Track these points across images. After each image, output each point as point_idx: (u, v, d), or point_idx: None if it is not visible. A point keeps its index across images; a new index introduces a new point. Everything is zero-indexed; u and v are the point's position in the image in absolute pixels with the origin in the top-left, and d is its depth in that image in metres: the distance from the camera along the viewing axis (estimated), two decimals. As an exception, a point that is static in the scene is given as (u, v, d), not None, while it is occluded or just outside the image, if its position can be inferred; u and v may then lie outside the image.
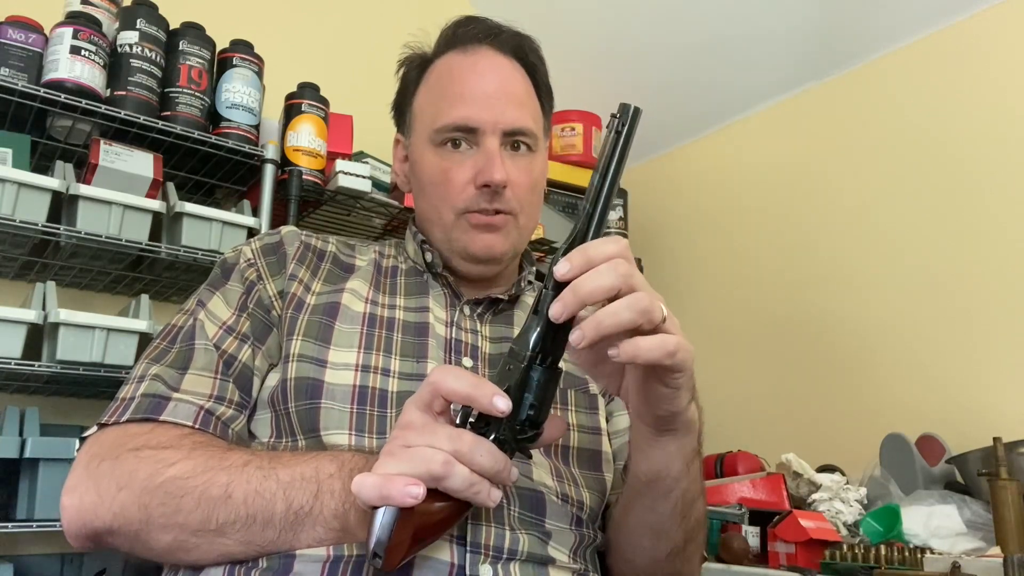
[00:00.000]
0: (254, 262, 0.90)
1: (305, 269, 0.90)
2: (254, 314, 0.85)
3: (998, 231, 1.76)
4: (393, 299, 0.90)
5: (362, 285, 0.90)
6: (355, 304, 0.87)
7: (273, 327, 0.85)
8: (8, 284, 1.79)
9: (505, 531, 0.73)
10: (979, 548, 1.35)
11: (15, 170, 1.50)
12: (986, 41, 1.85)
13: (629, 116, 0.64)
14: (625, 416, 0.93)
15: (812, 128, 2.21)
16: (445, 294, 0.92)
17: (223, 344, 0.83)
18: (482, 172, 0.87)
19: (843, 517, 1.56)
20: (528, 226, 0.95)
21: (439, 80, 0.93)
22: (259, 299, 0.86)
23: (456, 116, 0.88)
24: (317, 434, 0.76)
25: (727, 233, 2.40)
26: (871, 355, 1.96)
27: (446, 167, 0.89)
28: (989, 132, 1.81)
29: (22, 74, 1.55)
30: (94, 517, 0.69)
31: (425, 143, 0.92)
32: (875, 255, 1.99)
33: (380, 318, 0.86)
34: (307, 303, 0.86)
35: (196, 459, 0.69)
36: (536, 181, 0.93)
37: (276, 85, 1.92)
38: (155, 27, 1.70)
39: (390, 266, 0.96)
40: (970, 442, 1.56)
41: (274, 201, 1.78)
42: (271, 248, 0.92)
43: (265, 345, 0.84)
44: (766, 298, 2.25)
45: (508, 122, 0.89)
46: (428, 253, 0.93)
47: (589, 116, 2.45)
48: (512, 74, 0.93)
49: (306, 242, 0.94)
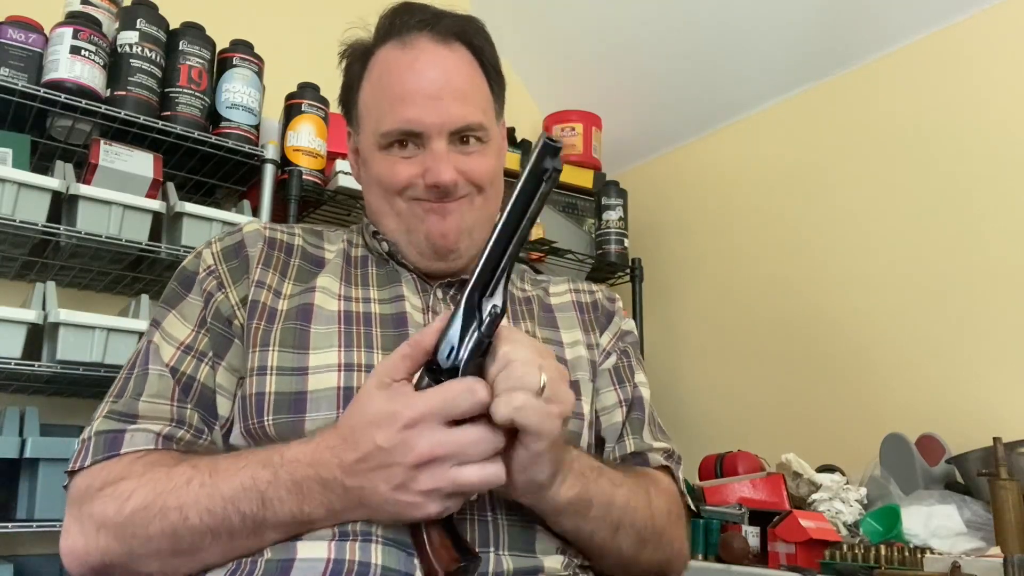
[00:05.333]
0: (214, 269, 0.86)
1: (273, 272, 0.86)
2: (213, 328, 0.82)
3: (998, 231, 1.76)
4: (367, 291, 0.88)
5: (333, 282, 0.87)
6: (328, 303, 0.84)
7: (234, 339, 0.82)
8: (8, 284, 1.79)
9: (489, 552, 0.72)
10: (979, 548, 1.35)
11: (15, 170, 1.50)
12: (986, 41, 1.85)
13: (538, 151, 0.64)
14: (613, 392, 0.93)
15: (812, 128, 2.21)
16: (415, 280, 0.89)
17: (181, 365, 0.81)
18: (430, 172, 0.85)
19: (843, 517, 1.56)
20: (490, 204, 0.91)
21: (380, 79, 0.89)
22: (218, 311, 0.83)
23: (399, 121, 0.85)
24: None
25: (727, 233, 2.40)
26: (871, 355, 1.96)
27: (395, 169, 0.87)
28: (989, 132, 1.81)
29: (22, 74, 1.55)
30: (87, 557, 0.73)
31: (372, 145, 0.89)
32: (875, 255, 1.99)
33: (356, 314, 0.84)
34: (279, 311, 0.83)
35: (147, 486, 0.71)
36: (491, 168, 0.90)
37: (276, 85, 1.92)
38: (155, 27, 1.70)
39: (359, 256, 0.93)
40: (970, 442, 1.56)
41: (274, 201, 1.78)
42: (233, 251, 0.88)
43: (225, 360, 0.82)
44: (766, 298, 2.25)
45: (454, 122, 0.85)
46: (383, 243, 0.91)
47: (589, 116, 2.45)
48: (456, 65, 0.88)
49: (271, 238, 0.90)
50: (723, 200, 2.43)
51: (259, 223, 0.93)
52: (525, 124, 2.50)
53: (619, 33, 2.42)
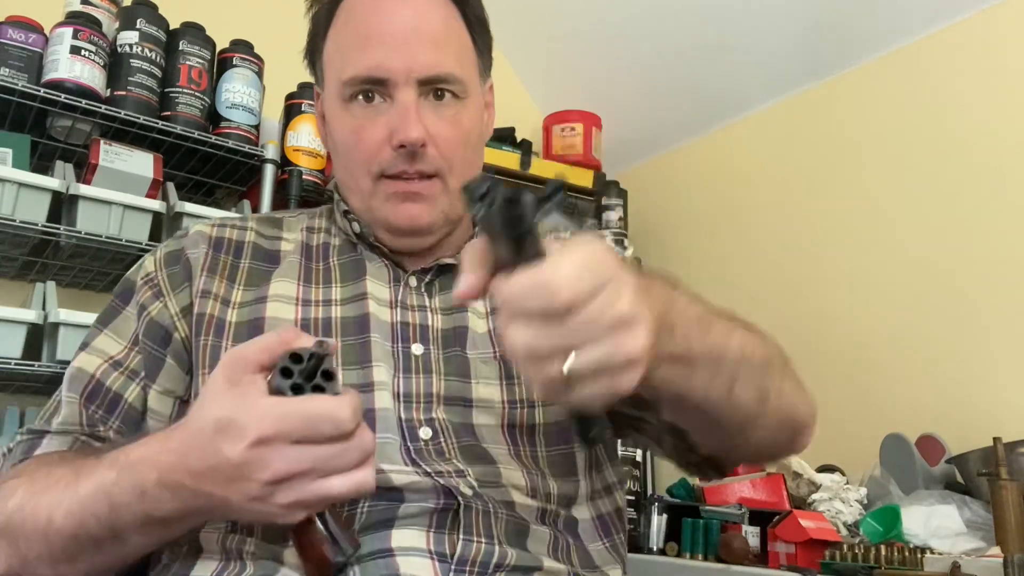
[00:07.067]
0: (153, 276, 0.80)
1: (219, 280, 0.78)
2: (145, 348, 0.76)
3: (998, 231, 1.76)
4: (328, 290, 0.79)
5: (289, 285, 0.79)
6: (283, 311, 0.76)
7: (166, 359, 0.76)
8: (8, 284, 1.79)
9: (494, 546, 0.66)
10: (979, 548, 1.34)
11: (15, 170, 1.51)
12: (986, 41, 1.85)
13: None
14: None
15: (812, 128, 2.20)
16: (387, 267, 0.81)
17: (107, 380, 0.75)
18: (396, 130, 0.75)
19: (843, 517, 1.56)
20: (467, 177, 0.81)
21: (346, 23, 0.79)
22: (153, 325, 0.77)
23: (362, 66, 0.76)
24: None
25: (727, 233, 2.40)
26: (871, 355, 1.96)
27: (357, 126, 0.77)
28: (988, 132, 1.81)
29: (22, 74, 1.55)
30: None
31: (335, 99, 0.79)
32: (875, 255, 1.99)
33: (315, 321, 0.76)
34: (228, 322, 0.76)
35: (26, 485, 0.66)
36: (467, 133, 0.80)
37: (276, 85, 1.92)
38: (155, 27, 1.70)
39: (320, 244, 0.84)
40: (970, 442, 1.56)
41: (274, 201, 1.78)
42: (174, 256, 0.81)
43: (157, 383, 0.76)
44: (766, 298, 2.25)
45: (422, 68, 0.76)
46: (355, 223, 0.82)
47: (589, 116, 2.45)
48: (428, 8, 0.78)
49: (217, 239, 0.82)
50: (723, 200, 2.43)
51: (207, 223, 0.85)
52: (525, 124, 2.50)
53: (619, 33, 2.42)
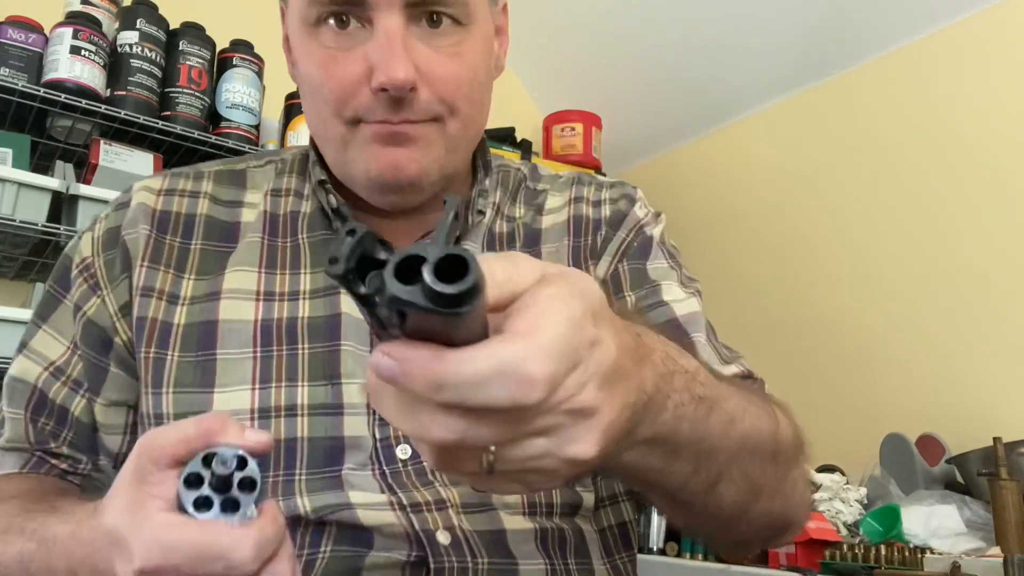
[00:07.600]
0: (90, 263, 0.67)
1: (164, 270, 0.66)
2: (85, 356, 0.66)
3: (998, 231, 1.76)
4: (295, 280, 0.66)
5: (248, 276, 0.66)
6: (241, 310, 0.64)
7: (110, 367, 0.66)
8: (8, 284, 1.79)
9: None
10: (979, 548, 1.35)
11: (15, 170, 1.51)
12: (986, 41, 1.85)
13: None
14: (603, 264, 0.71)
15: (812, 128, 2.21)
16: None
17: (50, 391, 0.65)
18: (376, 67, 0.58)
19: (843, 517, 1.56)
20: (469, 129, 0.65)
21: None
22: (90, 326, 0.66)
23: None
24: None
25: (727, 233, 2.40)
26: (871, 355, 1.96)
27: (326, 58, 0.60)
28: (988, 132, 1.81)
29: (22, 74, 1.55)
30: None
31: (300, 25, 0.62)
32: (874, 255, 1.99)
33: (278, 323, 0.64)
34: (174, 326, 0.64)
35: None
36: (473, 69, 0.62)
37: (276, 85, 1.92)
38: (155, 27, 1.70)
39: (288, 212, 0.70)
40: (970, 442, 1.56)
41: (274, 201, 1.78)
42: (112, 236, 0.67)
43: (102, 396, 0.66)
44: (766, 298, 2.25)
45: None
46: (332, 196, 0.67)
47: (589, 116, 2.45)
48: None
49: (162, 215, 0.68)
50: (723, 200, 2.43)
51: (152, 186, 0.70)
52: (525, 124, 2.50)
53: (619, 33, 2.42)
